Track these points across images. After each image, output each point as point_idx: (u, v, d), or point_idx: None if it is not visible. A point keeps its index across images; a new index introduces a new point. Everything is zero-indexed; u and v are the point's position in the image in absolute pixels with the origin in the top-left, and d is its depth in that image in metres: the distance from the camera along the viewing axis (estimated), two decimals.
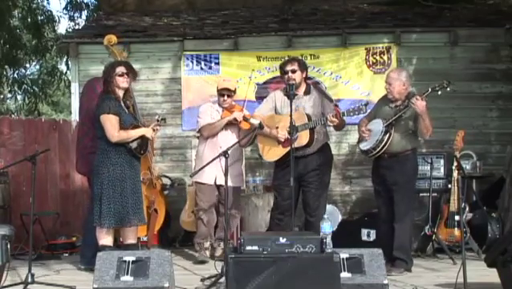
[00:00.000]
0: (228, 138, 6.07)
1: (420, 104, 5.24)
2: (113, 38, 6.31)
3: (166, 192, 7.24)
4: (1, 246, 4.54)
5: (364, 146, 5.57)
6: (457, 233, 6.36)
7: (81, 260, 5.91)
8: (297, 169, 5.28)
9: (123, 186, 5.22)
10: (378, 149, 5.43)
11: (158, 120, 5.53)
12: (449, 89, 5.36)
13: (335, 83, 8.18)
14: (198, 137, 6.41)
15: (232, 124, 6.11)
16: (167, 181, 7.62)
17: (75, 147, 6.19)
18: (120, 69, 5.34)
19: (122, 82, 5.32)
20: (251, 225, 7.12)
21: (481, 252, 6.26)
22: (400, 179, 5.50)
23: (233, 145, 5.62)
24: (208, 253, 6.13)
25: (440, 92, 5.34)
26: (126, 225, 5.27)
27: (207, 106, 6.35)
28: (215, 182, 6.09)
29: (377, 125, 5.48)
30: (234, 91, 6.19)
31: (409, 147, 5.54)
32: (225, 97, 6.11)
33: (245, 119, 6.02)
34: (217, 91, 6.20)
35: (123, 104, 5.36)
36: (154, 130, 5.49)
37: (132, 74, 5.41)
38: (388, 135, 5.39)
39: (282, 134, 5.60)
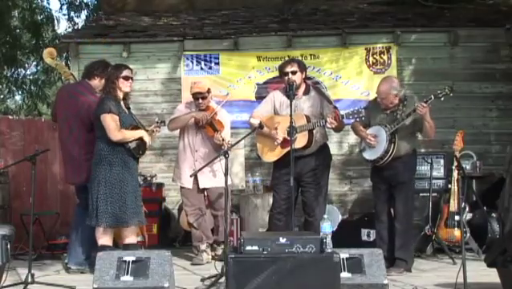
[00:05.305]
0: (204, 142, 6.12)
1: (424, 110, 5.29)
2: (53, 51, 6.10)
3: None
4: (1, 246, 4.55)
5: (370, 156, 5.57)
6: (457, 233, 6.36)
7: (70, 260, 5.74)
8: (295, 170, 5.27)
9: (121, 186, 5.20)
10: (385, 159, 5.47)
11: (157, 122, 5.53)
12: (451, 94, 5.39)
13: (335, 83, 8.18)
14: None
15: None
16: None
17: (64, 157, 5.85)
18: (126, 72, 5.35)
19: (126, 85, 5.33)
20: (251, 225, 7.13)
21: (481, 252, 6.26)
22: (403, 179, 5.54)
23: (237, 143, 5.68)
24: (206, 254, 6.14)
25: (443, 99, 5.37)
26: (124, 225, 5.26)
27: (183, 106, 6.41)
28: (198, 186, 6.14)
29: (379, 133, 5.50)
30: (208, 91, 6.15)
31: (411, 149, 5.60)
32: (200, 100, 6.09)
33: (211, 124, 6.01)
34: (191, 95, 6.18)
35: (123, 105, 5.35)
36: (153, 131, 5.49)
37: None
38: (392, 145, 5.43)
39: (280, 137, 5.60)
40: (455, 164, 5.64)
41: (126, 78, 5.33)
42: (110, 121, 5.17)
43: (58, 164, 7.93)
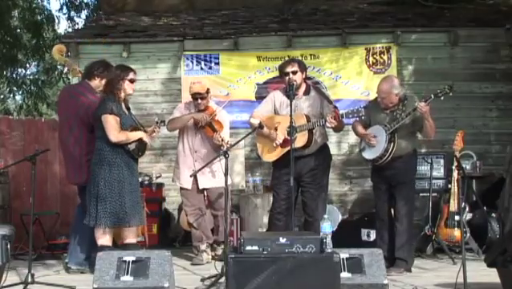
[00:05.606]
0: (203, 142, 6.12)
1: (425, 109, 5.30)
2: (63, 48, 6.24)
3: None
4: (1, 246, 4.55)
5: (370, 155, 5.57)
6: (457, 233, 6.35)
7: (70, 260, 5.75)
8: (295, 170, 5.26)
9: (120, 187, 5.19)
10: (384, 158, 5.47)
11: (157, 123, 5.53)
12: (451, 94, 5.39)
13: (335, 83, 8.18)
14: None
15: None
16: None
17: (65, 157, 5.85)
18: (132, 75, 5.37)
19: (130, 88, 5.35)
20: (251, 224, 7.13)
21: (481, 252, 6.26)
22: (404, 178, 5.54)
23: (237, 143, 5.69)
24: (206, 254, 6.14)
25: (443, 98, 5.37)
26: (124, 225, 5.26)
27: (182, 106, 6.41)
28: (197, 186, 6.14)
29: (379, 132, 5.50)
30: (207, 92, 6.14)
31: (411, 148, 5.60)
32: (199, 100, 6.09)
33: (210, 125, 6.01)
34: (190, 95, 6.17)
35: (123, 106, 5.36)
36: (153, 132, 5.48)
37: None
38: (392, 144, 5.44)
39: (279, 138, 5.60)
40: (455, 164, 5.64)
41: (132, 81, 5.36)
42: (111, 122, 5.17)
43: (58, 164, 7.94)
